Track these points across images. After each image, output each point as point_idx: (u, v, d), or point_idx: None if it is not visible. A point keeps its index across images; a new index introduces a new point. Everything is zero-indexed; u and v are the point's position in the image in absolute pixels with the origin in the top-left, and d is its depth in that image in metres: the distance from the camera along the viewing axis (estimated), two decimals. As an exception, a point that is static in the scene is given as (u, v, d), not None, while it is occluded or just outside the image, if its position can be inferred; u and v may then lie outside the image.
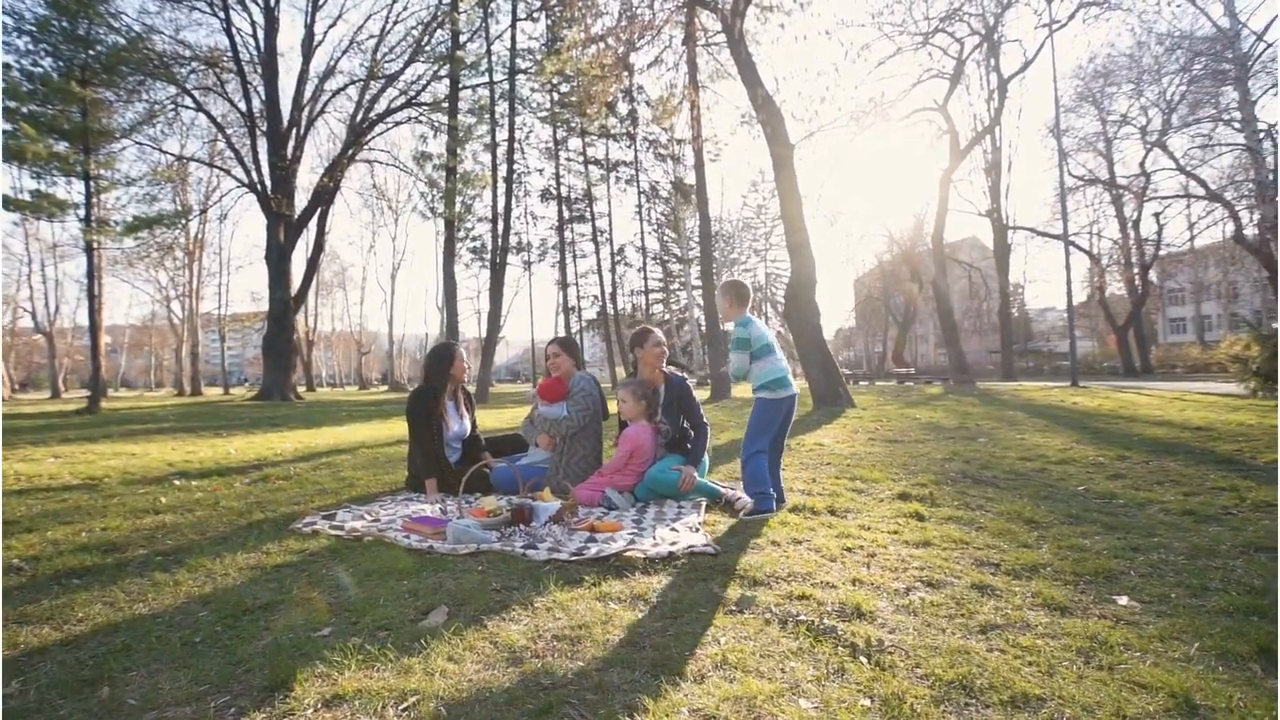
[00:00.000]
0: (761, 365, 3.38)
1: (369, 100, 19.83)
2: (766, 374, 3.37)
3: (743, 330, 3.41)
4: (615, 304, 35.86)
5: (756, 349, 3.39)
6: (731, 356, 3.47)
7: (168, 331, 40.69)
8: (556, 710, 1.37)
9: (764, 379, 3.37)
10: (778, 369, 3.38)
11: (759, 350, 3.39)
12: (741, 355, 3.40)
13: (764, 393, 3.37)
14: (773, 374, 3.36)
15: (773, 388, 3.36)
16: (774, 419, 3.38)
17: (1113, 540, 2.70)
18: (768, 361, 3.38)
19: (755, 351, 3.39)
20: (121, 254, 26.36)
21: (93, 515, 3.31)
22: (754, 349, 3.38)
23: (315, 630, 1.85)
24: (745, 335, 3.39)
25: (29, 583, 2.27)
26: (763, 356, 3.39)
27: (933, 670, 1.53)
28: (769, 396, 3.36)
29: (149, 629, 1.87)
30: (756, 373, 3.39)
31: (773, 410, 3.37)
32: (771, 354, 3.40)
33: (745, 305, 3.50)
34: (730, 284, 3.56)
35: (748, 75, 12.72)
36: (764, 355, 3.39)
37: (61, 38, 12.79)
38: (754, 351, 3.38)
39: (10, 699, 1.47)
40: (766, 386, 3.36)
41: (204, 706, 1.42)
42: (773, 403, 3.37)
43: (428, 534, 2.79)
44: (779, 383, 3.36)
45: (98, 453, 6.12)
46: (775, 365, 3.38)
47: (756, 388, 3.41)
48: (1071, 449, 5.52)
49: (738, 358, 3.41)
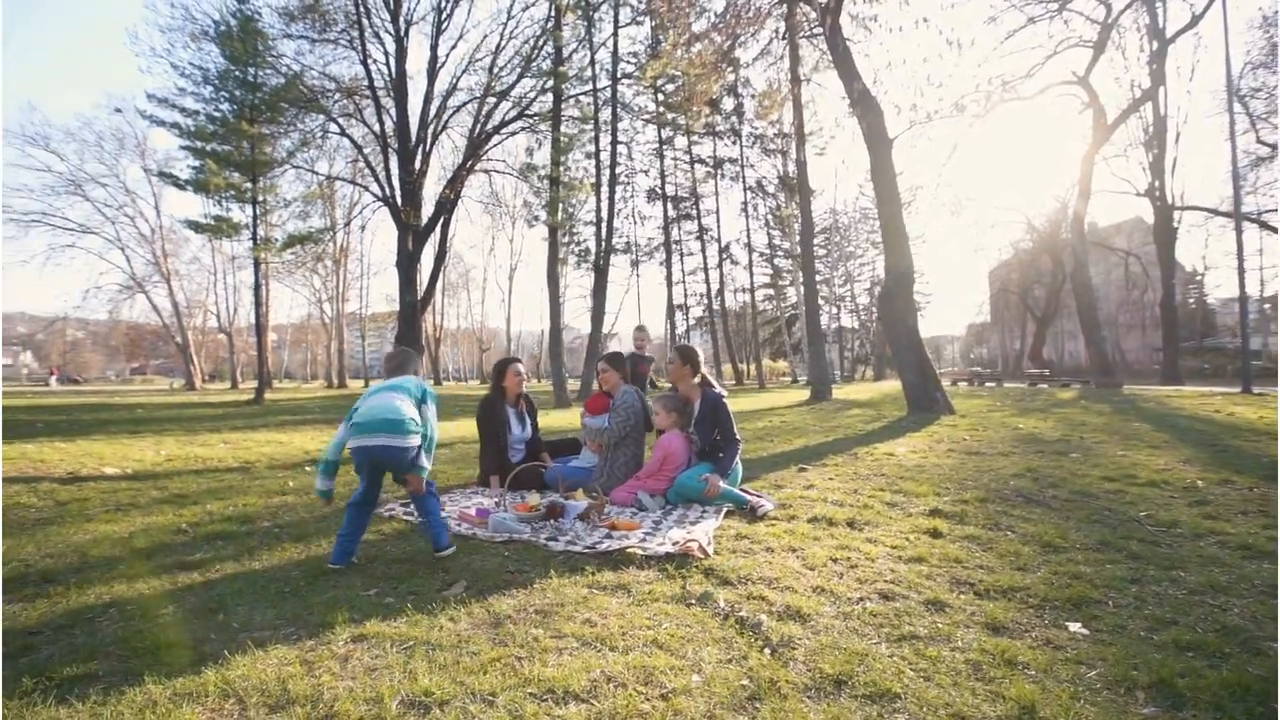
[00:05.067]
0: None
1: (485, 115, 21.53)
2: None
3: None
4: (722, 302, 35.91)
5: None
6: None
7: (320, 330, 46.64)
8: (503, 660, 1.80)
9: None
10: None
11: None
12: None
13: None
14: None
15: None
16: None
17: (1121, 570, 2.66)
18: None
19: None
20: (282, 264, 30.74)
21: (240, 493, 4.27)
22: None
23: (366, 590, 2.44)
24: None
25: (190, 541, 3.11)
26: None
27: (821, 666, 1.78)
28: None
29: (258, 579, 2.56)
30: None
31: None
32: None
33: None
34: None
35: (844, 68, 12.43)
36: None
37: (236, 85, 15.41)
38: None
39: (166, 616, 2.17)
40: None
41: (277, 633, 2.03)
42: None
43: (474, 522, 3.36)
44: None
45: (255, 440, 7.52)
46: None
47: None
48: (1172, 469, 5.08)
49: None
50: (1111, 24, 19.40)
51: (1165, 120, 24.05)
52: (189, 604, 2.29)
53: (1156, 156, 24.37)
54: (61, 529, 3.31)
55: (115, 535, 3.18)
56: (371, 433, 2.76)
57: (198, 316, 42.03)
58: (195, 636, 1.99)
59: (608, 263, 18.96)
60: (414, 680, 1.68)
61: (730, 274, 38.29)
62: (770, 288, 42.86)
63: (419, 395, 2.94)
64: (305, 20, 20.32)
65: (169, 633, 2.01)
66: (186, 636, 1.99)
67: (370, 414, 2.79)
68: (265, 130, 16.59)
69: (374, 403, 2.85)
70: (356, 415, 2.84)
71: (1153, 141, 24.47)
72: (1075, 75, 20.02)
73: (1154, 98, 22.55)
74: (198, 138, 15.40)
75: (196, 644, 1.93)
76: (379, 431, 2.76)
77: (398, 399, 2.85)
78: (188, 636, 1.99)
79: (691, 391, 4.25)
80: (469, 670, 1.75)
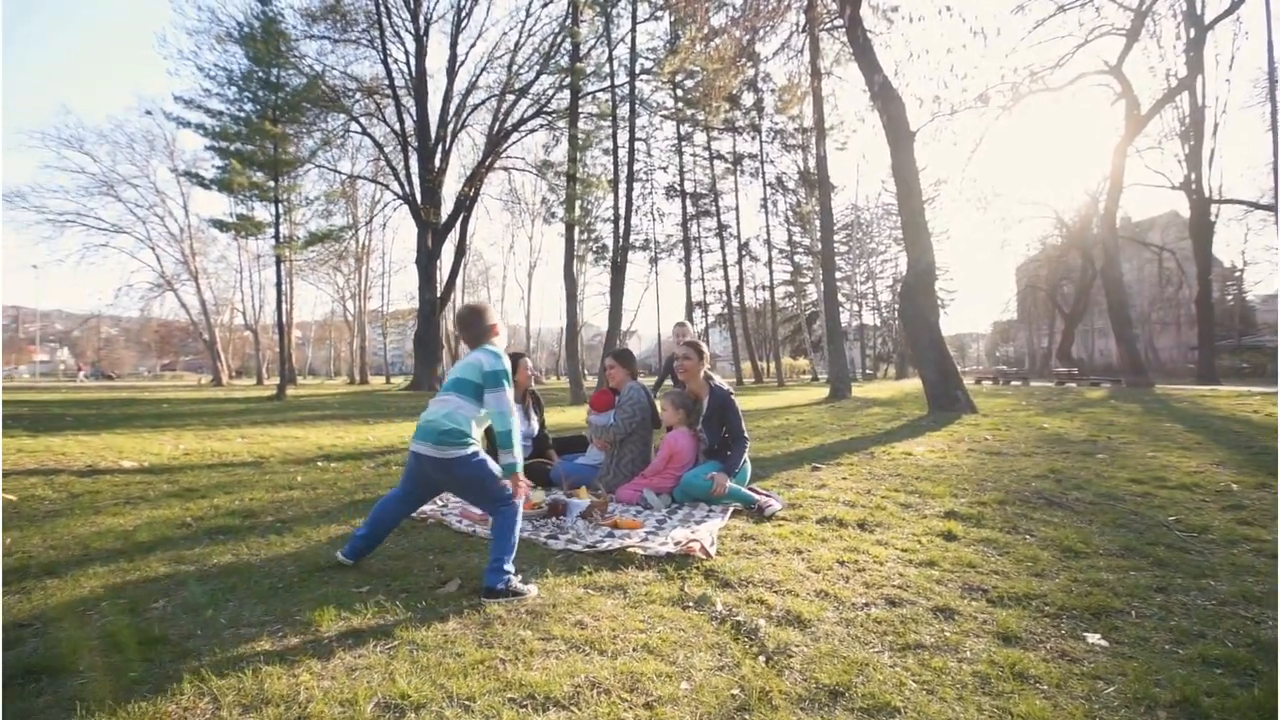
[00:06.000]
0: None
1: (504, 112, 21.63)
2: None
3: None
4: (742, 299, 35.64)
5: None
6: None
7: (344, 327, 47.40)
8: (486, 663, 1.75)
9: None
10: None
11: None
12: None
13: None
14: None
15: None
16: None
17: (1146, 578, 2.52)
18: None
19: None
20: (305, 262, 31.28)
21: (248, 488, 4.30)
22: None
23: (359, 587, 2.41)
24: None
25: (191, 535, 3.12)
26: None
27: (818, 676, 1.69)
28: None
29: (253, 574, 2.55)
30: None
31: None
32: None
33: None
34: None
35: (865, 60, 12.19)
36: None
37: (259, 85, 15.68)
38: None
39: (156, 610, 2.15)
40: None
41: (263, 629, 2.00)
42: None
43: (476, 520, 3.31)
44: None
45: (272, 435, 7.60)
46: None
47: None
48: (1204, 472, 4.86)
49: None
50: (1146, 10, 18.77)
51: (1203, 110, 23.14)
52: (180, 598, 2.28)
53: (1193, 148, 23.48)
54: (70, 521, 3.34)
55: (120, 528, 3.20)
56: (417, 438, 2.54)
57: (225, 314, 42.99)
58: (181, 632, 1.97)
59: (625, 260, 18.89)
60: (393, 682, 1.63)
61: (750, 271, 38.00)
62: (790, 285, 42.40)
63: (479, 380, 2.54)
64: (327, 21, 20.63)
65: (155, 628, 1.99)
66: (172, 632, 1.97)
67: (422, 417, 2.56)
68: (288, 130, 16.85)
69: (431, 405, 2.58)
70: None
71: (1189, 133, 23.58)
72: (1107, 64, 19.42)
73: (1191, 87, 21.74)
74: (222, 138, 15.72)
75: (181, 640, 1.91)
76: (420, 438, 2.52)
77: (449, 402, 2.53)
78: (173, 632, 1.97)
79: (700, 388, 4.16)
80: (450, 672, 1.69)
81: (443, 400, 2.56)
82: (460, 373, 2.59)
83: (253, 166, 15.58)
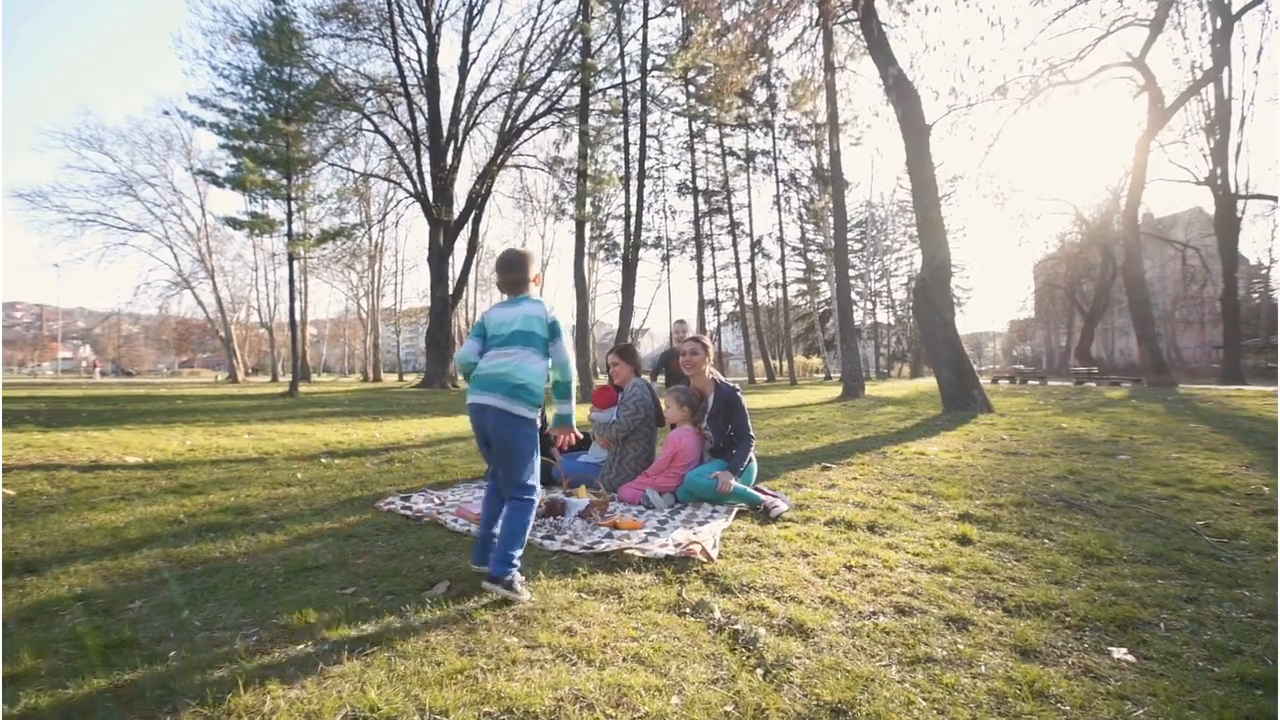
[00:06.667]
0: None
1: (516, 109, 21.60)
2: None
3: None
4: (754, 297, 35.37)
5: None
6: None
7: (358, 324, 47.76)
8: (465, 672, 1.64)
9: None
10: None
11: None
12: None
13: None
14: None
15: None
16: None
17: (1175, 587, 2.37)
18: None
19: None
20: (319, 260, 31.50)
21: (246, 484, 4.24)
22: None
23: (344, 589, 2.32)
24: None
25: (181, 532, 3.06)
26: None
27: (819, 692, 1.57)
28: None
29: (237, 573, 2.47)
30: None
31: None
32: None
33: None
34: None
35: (879, 53, 11.98)
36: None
37: (272, 84, 15.76)
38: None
39: (131, 611, 2.08)
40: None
41: (238, 633, 1.91)
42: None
43: (471, 519, 3.22)
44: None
45: (280, 431, 7.59)
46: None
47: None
48: (1233, 474, 4.66)
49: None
50: (1171, 0, 18.28)
51: (1229, 103, 22.53)
52: (158, 599, 2.20)
53: (1219, 142, 22.88)
54: (62, 517, 3.30)
55: (110, 525, 3.15)
56: (482, 389, 2.34)
57: (241, 311, 43.47)
58: (153, 635, 1.89)
59: (636, 257, 18.78)
60: (364, 692, 1.53)
61: (762, 268, 37.68)
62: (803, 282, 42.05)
63: (543, 333, 2.41)
64: (339, 19, 20.73)
65: (126, 630, 1.91)
66: (143, 634, 1.89)
67: (487, 369, 2.37)
68: (301, 128, 16.92)
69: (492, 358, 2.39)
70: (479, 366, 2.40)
71: (1214, 126, 22.97)
72: (1130, 56, 18.95)
73: (1217, 79, 21.18)
74: (235, 136, 15.83)
75: (151, 643, 1.83)
76: (486, 388, 2.33)
77: (515, 355, 2.36)
78: (145, 634, 1.89)
79: (705, 385, 4.04)
80: (426, 682, 1.59)
81: (505, 353, 2.38)
82: (519, 324, 2.41)
83: (266, 165, 15.67)
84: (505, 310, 2.48)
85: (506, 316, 2.45)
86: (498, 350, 2.41)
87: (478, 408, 2.37)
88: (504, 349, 2.40)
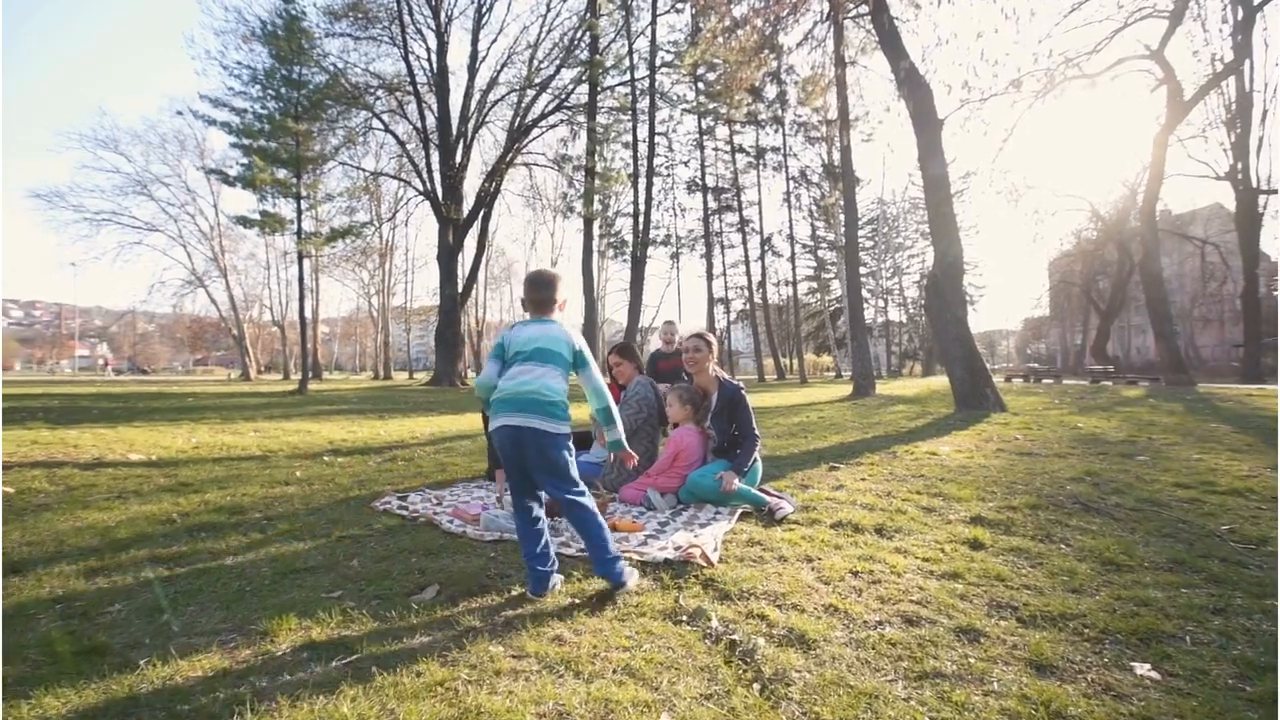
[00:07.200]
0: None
1: (524, 107, 21.56)
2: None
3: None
4: (764, 295, 35.17)
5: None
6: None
7: (369, 323, 48.02)
8: (446, 684, 1.56)
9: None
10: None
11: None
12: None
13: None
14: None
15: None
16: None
17: (1200, 597, 2.25)
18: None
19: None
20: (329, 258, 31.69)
21: (245, 482, 4.20)
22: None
23: (331, 592, 2.25)
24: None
25: (172, 532, 3.01)
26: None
27: (819, 710, 1.47)
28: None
29: (223, 575, 2.41)
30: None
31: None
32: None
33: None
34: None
35: (891, 47, 11.79)
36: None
37: (282, 83, 15.84)
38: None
39: (109, 615, 2.02)
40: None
41: (215, 639, 1.85)
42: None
43: (467, 520, 3.15)
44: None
45: (285, 429, 7.57)
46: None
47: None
48: (1257, 476, 4.49)
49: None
50: (1191, -10, 17.87)
51: (1250, 97, 22.05)
52: (139, 602, 2.14)
53: (1240, 136, 22.39)
54: (55, 516, 3.27)
55: (102, 524, 3.11)
56: (513, 409, 2.27)
57: (253, 309, 43.83)
58: (128, 640, 1.83)
59: (645, 255, 18.68)
60: (336, 705, 1.46)
61: (772, 266, 37.48)
62: (813, 280, 41.79)
63: (567, 355, 2.39)
64: (348, 18, 20.78)
65: (101, 635, 1.85)
66: (118, 640, 1.83)
67: (512, 387, 2.30)
68: (311, 127, 16.99)
69: (519, 373, 2.32)
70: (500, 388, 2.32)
71: (1235, 120, 22.48)
72: (1148, 49, 18.56)
73: (1238, 72, 20.71)
74: (246, 135, 15.93)
75: (124, 649, 1.77)
76: (520, 409, 2.27)
77: (536, 372, 2.31)
78: (120, 640, 1.83)
79: (709, 383, 3.94)
80: (404, 695, 1.52)
81: (527, 370, 2.33)
82: (543, 342, 2.37)
83: (276, 163, 15.75)
84: (530, 328, 2.44)
85: (532, 333, 2.41)
86: (520, 366, 2.36)
87: (511, 430, 2.28)
88: (527, 364, 2.36)
